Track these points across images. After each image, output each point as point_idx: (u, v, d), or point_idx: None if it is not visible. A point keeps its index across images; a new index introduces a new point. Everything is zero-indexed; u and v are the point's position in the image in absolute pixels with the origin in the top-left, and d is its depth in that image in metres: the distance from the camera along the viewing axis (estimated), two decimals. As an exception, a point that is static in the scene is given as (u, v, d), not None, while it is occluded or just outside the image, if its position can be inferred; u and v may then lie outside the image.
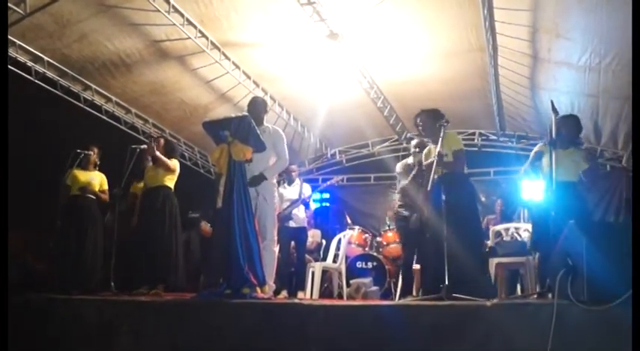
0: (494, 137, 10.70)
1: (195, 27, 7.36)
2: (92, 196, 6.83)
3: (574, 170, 5.15)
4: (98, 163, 7.07)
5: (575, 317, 3.20)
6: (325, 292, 8.04)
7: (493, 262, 6.46)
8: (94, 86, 8.57)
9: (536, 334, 3.20)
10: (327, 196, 11.27)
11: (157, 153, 6.41)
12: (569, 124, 5.26)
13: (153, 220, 6.34)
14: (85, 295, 5.43)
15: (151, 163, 6.65)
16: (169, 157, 6.54)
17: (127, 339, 4.27)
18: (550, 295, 3.84)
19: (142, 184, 6.84)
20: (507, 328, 3.34)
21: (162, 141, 6.72)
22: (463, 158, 5.33)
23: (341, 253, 7.82)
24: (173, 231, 6.40)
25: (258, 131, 5.04)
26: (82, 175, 6.86)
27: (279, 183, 7.13)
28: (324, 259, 8.15)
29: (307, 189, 7.83)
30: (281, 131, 5.79)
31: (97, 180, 6.94)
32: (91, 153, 6.93)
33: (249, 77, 8.74)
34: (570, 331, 3.17)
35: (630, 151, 9.18)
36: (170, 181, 6.54)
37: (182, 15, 7.09)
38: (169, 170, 6.49)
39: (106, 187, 6.99)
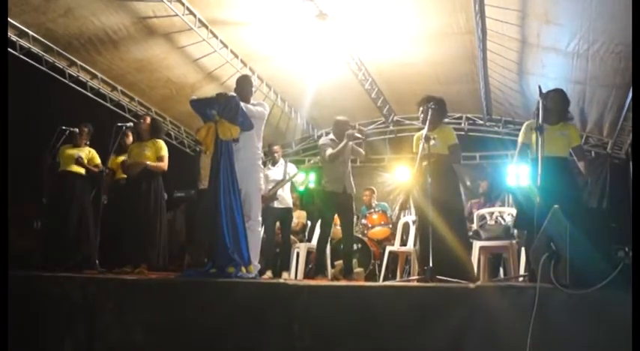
0: (480, 122, 10.71)
1: (182, 4, 7.31)
2: (78, 172, 6.78)
3: (565, 145, 5.01)
4: (88, 142, 7.01)
5: (557, 301, 3.23)
6: (310, 272, 8.06)
7: (477, 245, 6.51)
8: (79, 62, 8.51)
9: (518, 316, 3.23)
10: (312, 177, 11.25)
11: (149, 163, 6.21)
12: (554, 98, 5.04)
13: (137, 198, 6.24)
14: (69, 273, 5.41)
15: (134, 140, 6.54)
16: (153, 138, 6.39)
17: (111, 317, 4.27)
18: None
19: (119, 159, 6.68)
20: (490, 311, 3.36)
21: (148, 119, 6.53)
22: (459, 152, 5.54)
23: (326, 234, 7.82)
24: (157, 210, 6.31)
25: (245, 109, 5.02)
26: (69, 151, 6.82)
27: (264, 164, 7.11)
28: (309, 240, 8.17)
29: (292, 169, 7.81)
30: (265, 104, 5.66)
31: (84, 155, 6.88)
32: (77, 130, 6.88)
33: (236, 56, 8.69)
34: (552, 315, 3.19)
35: (615, 137, 9.26)
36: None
37: (170, -8, 7.03)
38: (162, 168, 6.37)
39: (97, 161, 6.93)
